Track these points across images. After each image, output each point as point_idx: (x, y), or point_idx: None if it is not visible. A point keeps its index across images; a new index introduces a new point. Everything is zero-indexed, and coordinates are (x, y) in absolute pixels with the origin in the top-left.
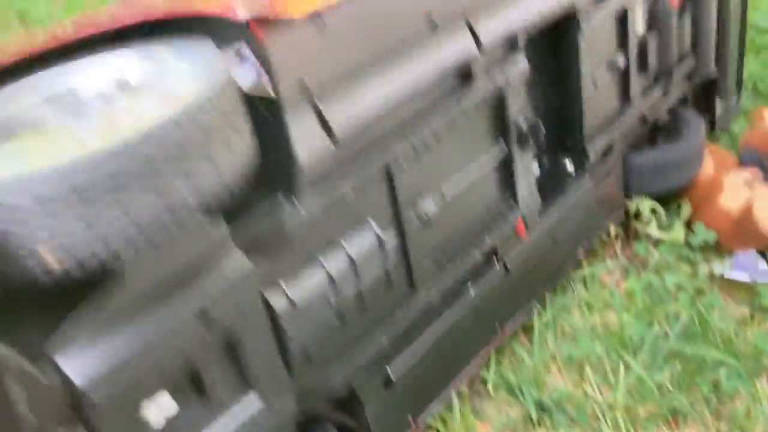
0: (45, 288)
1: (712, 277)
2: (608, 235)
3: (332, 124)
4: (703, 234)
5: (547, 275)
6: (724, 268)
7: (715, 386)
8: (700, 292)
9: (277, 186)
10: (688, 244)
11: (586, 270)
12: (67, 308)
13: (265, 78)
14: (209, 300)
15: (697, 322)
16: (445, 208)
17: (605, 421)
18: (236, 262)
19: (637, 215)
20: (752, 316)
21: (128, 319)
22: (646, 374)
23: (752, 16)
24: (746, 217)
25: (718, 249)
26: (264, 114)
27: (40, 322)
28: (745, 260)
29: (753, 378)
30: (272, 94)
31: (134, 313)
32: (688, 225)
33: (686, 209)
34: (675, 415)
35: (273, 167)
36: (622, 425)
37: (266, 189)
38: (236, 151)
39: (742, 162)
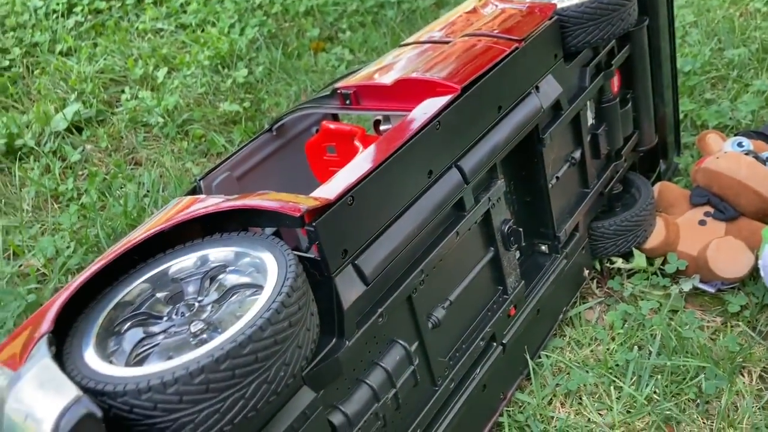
0: None
1: (682, 295)
2: (584, 277)
3: (366, 273)
4: (675, 262)
5: (538, 339)
6: (693, 282)
7: (699, 390)
8: (673, 311)
9: (329, 330)
10: (660, 272)
11: (572, 311)
12: None
13: (317, 254)
14: (288, 429)
15: (673, 338)
16: (451, 310)
17: None
18: (305, 395)
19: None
20: (724, 323)
21: None
22: (636, 391)
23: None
24: (703, 263)
25: (687, 273)
26: (316, 278)
27: None
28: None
29: (732, 376)
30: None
31: None
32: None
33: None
34: (668, 422)
35: (325, 315)
36: None
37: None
38: (313, 329)
39: (693, 202)
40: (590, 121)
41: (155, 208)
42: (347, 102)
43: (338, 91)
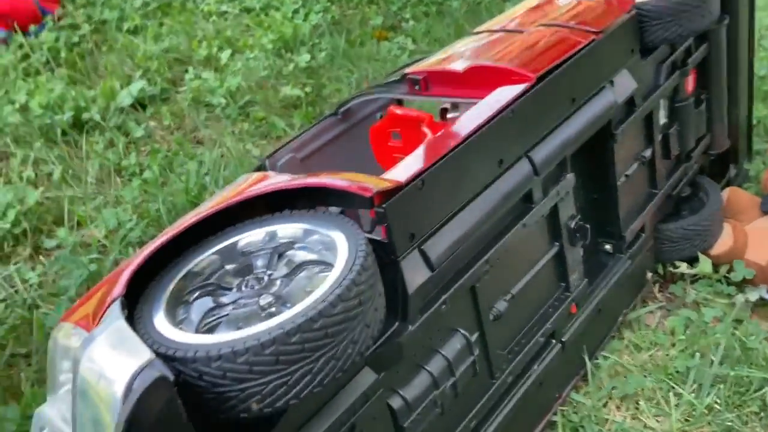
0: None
1: (747, 305)
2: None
3: (432, 259)
4: (742, 271)
5: (597, 339)
6: (759, 292)
7: (764, 403)
8: (737, 321)
9: (393, 313)
10: (725, 279)
11: (631, 314)
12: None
13: (384, 236)
14: (348, 408)
15: (737, 348)
16: (513, 303)
17: None
18: (366, 376)
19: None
20: None
21: None
22: (696, 400)
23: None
24: None
25: (753, 282)
26: (382, 260)
27: None
28: None
29: None
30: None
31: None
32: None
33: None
34: None
35: (390, 298)
36: None
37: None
38: (380, 309)
39: (764, 209)
40: (662, 119)
41: (216, 186)
42: (416, 88)
43: (408, 77)
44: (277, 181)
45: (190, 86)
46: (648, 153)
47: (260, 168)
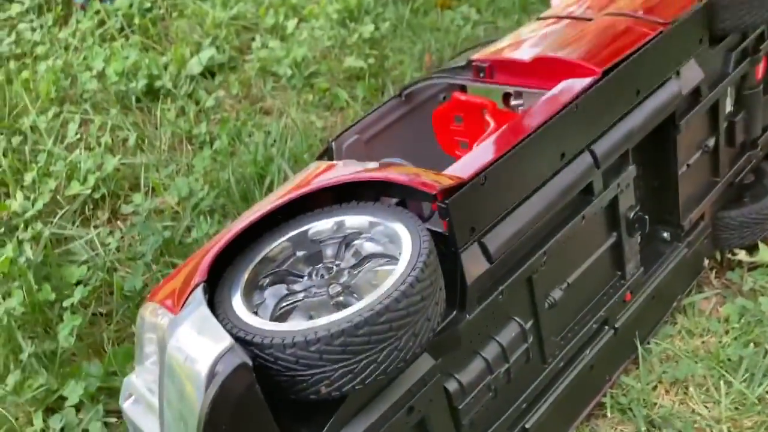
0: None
1: None
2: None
3: (490, 251)
4: None
5: (650, 325)
6: None
7: None
8: None
9: (451, 302)
10: None
11: (686, 300)
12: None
13: (446, 229)
14: (407, 391)
15: None
16: (569, 292)
17: None
18: (424, 361)
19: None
20: None
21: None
22: (747, 389)
23: None
24: None
25: None
26: (443, 251)
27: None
28: None
29: None
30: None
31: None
32: None
33: None
34: None
35: (449, 288)
36: None
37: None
38: (441, 303)
39: None
40: (729, 108)
41: (282, 158)
42: (481, 75)
43: (473, 63)
44: (344, 172)
45: (258, 55)
46: (711, 142)
47: (327, 150)
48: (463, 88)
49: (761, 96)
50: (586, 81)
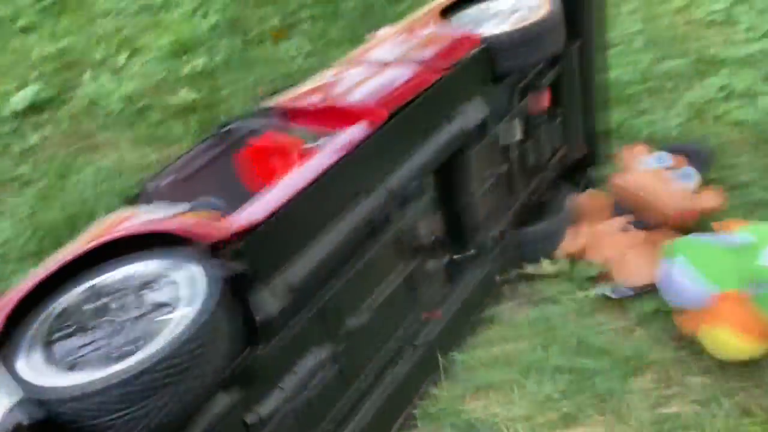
0: None
1: (590, 301)
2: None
3: (287, 287)
4: (588, 269)
5: (453, 338)
6: (603, 290)
7: (595, 389)
8: (582, 315)
9: (250, 339)
10: (574, 278)
11: (487, 312)
12: None
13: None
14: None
15: (576, 341)
16: (370, 317)
17: None
18: (221, 398)
19: None
20: (627, 329)
21: None
22: (538, 389)
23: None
24: (614, 270)
25: (599, 280)
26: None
27: None
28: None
29: (626, 378)
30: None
31: None
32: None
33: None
34: (567, 419)
35: (246, 325)
36: None
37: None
38: (227, 343)
39: (617, 211)
40: (518, 136)
41: (115, 196)
42: (285, 117)
43: (276, 108)
44: (139, 220)
45: (87, 90)
46: (505, 168)
47: (141, 192)
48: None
49: (547, 124)
50: (376, 123)
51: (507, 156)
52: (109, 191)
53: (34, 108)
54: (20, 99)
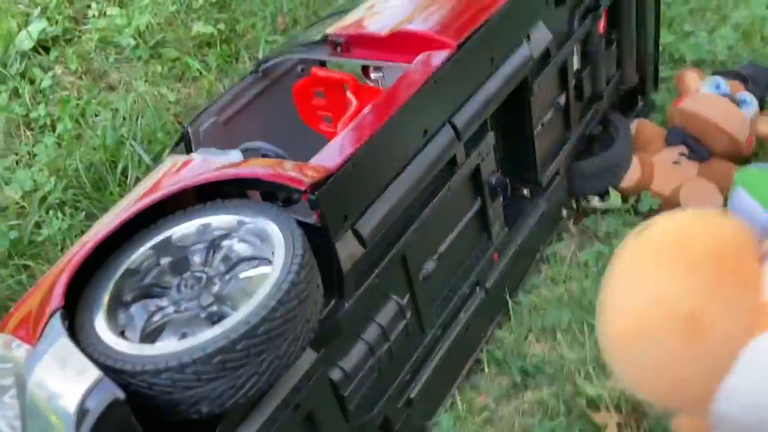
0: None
1: None
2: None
3: (363, 236)
4: (648, 201)
5: (516, 279)
6: None
7: None
8: None
9: (329, 292)
10: (633, 210)
11: (548, 249)
12: None
13: (318, 219)
14: (292, 390)
15: None
16: (441, 262)
17: (579, 374)
18: (307, 357)
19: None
20: None
21: None
22: None
23: None
24: (675, 203)
25: (660, 212)
26: (316, 243)
27: None
28: None
29: None
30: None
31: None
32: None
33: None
34: None
35: (326, 279)
36: (593, 374)
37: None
38: (318, 300)
39: (669, 141)
40: (576, 65)
41: (134, 140)
42: (338, 49)
43: (329, 38)
44: (204, 168)
45: (95, 25)
46: (562, 99)
47: (183, 137)
48: (322, 63)
49: (604, 50)
50: (442, 55)
51: (566, 85)
52: (129, 136)
53: (41, 47)
54: (25, 38)
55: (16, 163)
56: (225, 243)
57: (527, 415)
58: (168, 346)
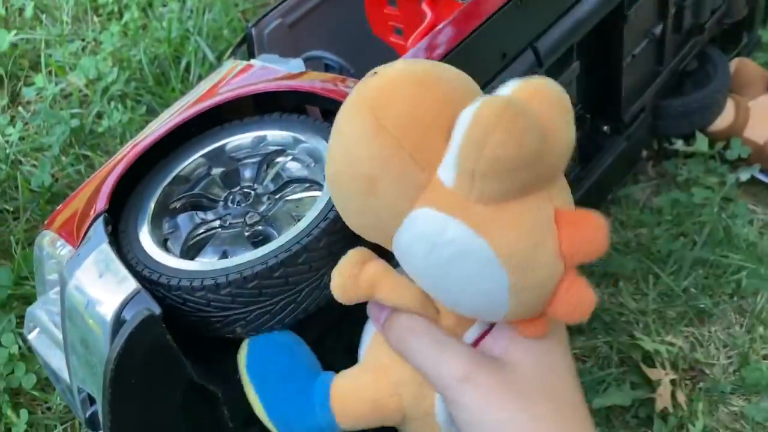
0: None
1: (739, 185)
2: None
3: None
4: (738, 149)
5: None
6: (752, 171)
7: (738, 287)
8: (726, 201)
9: None
10: (719, 156)
11: (622, 191)
12: None
13: None
14: None
15: (721, 231)
16: None
17: (637, 325)
18: None
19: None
20: None
21: None
22: (674, 282)
23: None
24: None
25: (749, 162)
26: None
27: None
28: None
29: None
30: None
31: None
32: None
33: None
34: (701, 315)
35: None
36: (652, 327)
37: None
38: None
39: None
40: None
41: (199, 36)
42: None
43: None
44: (263, 76)
45: None
46: (658, 29)
47: (245, 39)
48: None
49: None
50: None
51: (665, 14)
52: (195, 31)
53: None
54: None
55: (83, 49)
56: (279, 160)
57: (578, 360)
58: (206, 263)
